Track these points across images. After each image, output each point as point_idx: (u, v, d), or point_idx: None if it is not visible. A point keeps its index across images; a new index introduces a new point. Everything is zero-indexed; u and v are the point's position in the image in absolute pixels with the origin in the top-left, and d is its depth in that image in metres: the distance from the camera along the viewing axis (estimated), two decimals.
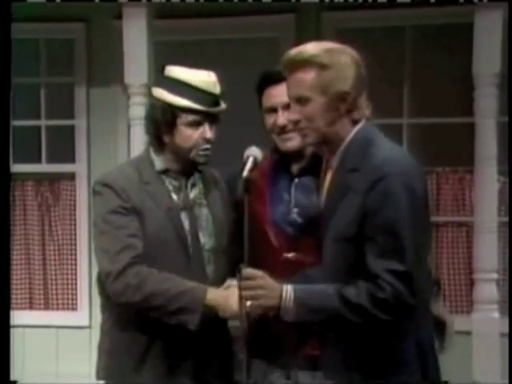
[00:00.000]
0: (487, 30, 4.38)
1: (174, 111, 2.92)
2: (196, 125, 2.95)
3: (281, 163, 3.11)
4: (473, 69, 4.47)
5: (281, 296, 2.40)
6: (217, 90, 2.97)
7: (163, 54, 4.71)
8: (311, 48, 2.49)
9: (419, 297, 2.34)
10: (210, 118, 2.96)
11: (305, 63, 2.46)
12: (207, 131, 2.95)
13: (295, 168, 3.07)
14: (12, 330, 3.26)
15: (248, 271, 2.47)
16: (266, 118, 3.07)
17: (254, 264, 3.06)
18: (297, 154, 3.03)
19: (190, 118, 2.93)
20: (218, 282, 2.98)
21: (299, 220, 3.01)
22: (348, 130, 2.49)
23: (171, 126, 2.94)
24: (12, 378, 3.26)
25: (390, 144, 2.47)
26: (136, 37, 4.63)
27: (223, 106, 3.01)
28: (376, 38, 2.51)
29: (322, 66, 2.44)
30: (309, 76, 2.46)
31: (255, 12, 5.29)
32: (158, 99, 2.97)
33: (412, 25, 5.32)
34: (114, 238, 2.89)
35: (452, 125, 5.35)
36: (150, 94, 3.10)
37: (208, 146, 2.97)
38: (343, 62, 2.47)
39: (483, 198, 4.55)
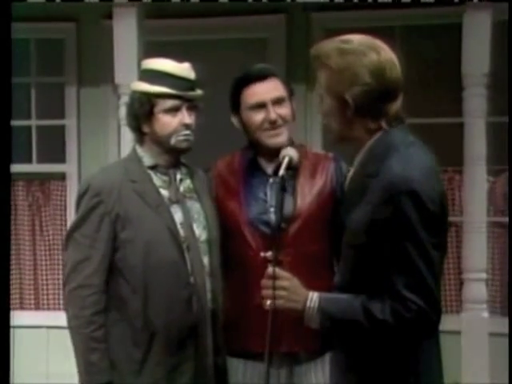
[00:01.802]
0: (476, 30, 4.39)
1: (150, 99, 2.97)
2: (174, 111, 2.98)
3: (254, 163, 3.14)
4: (462, 69, 4.48)
5: (305, 303, 2.37)
6: (191, 75, 3.01)
7: (153, 53, 4.70)
8: (327, 45, 2.40)
9: (441, 312, 2.31)
10: (188, 103, 2.99)
11: (319, 61, 2.41)
12: (186, 117, 2.98)
13: (270, 168, 3.09)
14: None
15: (274, 270, 2.43)
16: (251, 116, 3.08)
17: (233, 263, 3.09)
18: (273, 154, 3.05)
19: (167, 104, 2.97)
20: (213, 273, 3.03)
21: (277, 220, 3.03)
22: (367, 134, 2.39)
23: (149, 114, 2.98)
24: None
25: (412, 153, 2.34)
26: (126, 37, 4.62)
27: (199, 91, 3.04)
28: None
29: (329, 68, 2.38)
30: (322, 74, 2.41)
31: (245, 12, 5.30)
32: (135, 91, 3.03)
33: (401, 25, 5.35)
34: (78, 245, 2.96)
35: (441, 125, 5.38)
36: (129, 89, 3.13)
37: (188, 131, 3.00)
38: (353, 67, 2.34)
39: (472, 198, 4.56)
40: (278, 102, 3.07)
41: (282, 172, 2.68)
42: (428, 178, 2.30)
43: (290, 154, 2.85)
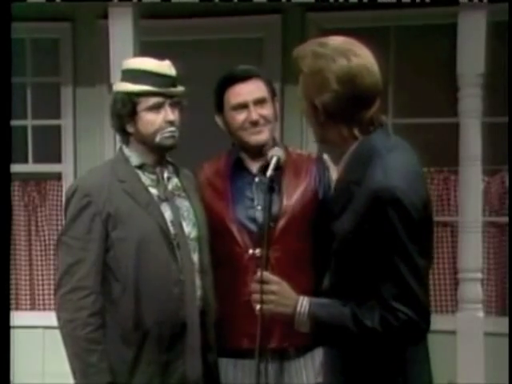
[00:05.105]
0: (471, 30, 4.39)
1: (132, 99, 2.97)
2: (156, 108, 2.99)
3: (239, 163, 3.18)
4: (457, 69, 4.49)
5: (295, 307, 2.37)
6: (172, 72, 3.02)
7: (149, 53, 4.70)
8: (306, 47, 2.38)
9: (430, 320, 2.31)
10: (170, 100, 3.00)
11: (296, 63, 2.39)
12: (169, 113, 2.99)
13: (255, 167, 3.13)
14: None
15: (263, 274, 2.42)
16: (233, 116, 3.13)
17: (221, 262, 3.11)
18: (257, 153, 3.10)
19: (149, 102, 2.97)
20: (204, 270, 3.04)
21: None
22: (343, 140, 2.36)
23: (132, 114, 2.98)
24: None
25: (395, 159, 2.29)
26: (122, 36, 4.61)
27: (181, 88, 3.05)
28: (360, 38, 2.45)
29: (303, 71, 2.37)
30: (300, 76, 2.40)
31: (241, 12, 5.31)
32: (117, 92, 3.03)
33: (396, 25, 5.36)
34: (69, 248, 2.95)
35: (437, 125, 5.38)
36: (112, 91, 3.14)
37: (172, 128, 3.00)
38: (322, 72, 2.30)
39: (468, 198, 4.56)
40: (259, 102, 3.12)
41: (270, 172, 2.70)
42: (411, 184, 2.26)
43: (277, 154, 2.88)
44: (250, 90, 3.11)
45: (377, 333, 2.26)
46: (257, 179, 3.12)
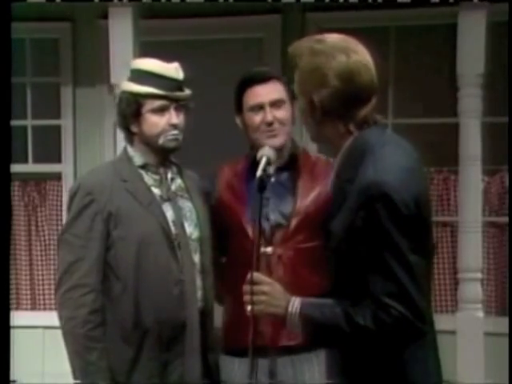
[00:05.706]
0: (471, 30, 4.40)
1: (137, 100, 2.98)
2: (161, 111, 2.99)
3: (256, 164, 3.17)
4: (457, 69, 4.50)
5: (287, 308, 2.37)
6: (179, 75, 3.02)
7: (149, 54, 4.70)
8: (302, 44, 2.37)
9: (426, 318, 2.28)
10: (175, 103, 3.00)
11: (293, 60, 2.39)
12: (173, 117, 2.99)
13: (271, 168, 3.13)
14: None
15: (254, 276, 2.43)
16: (249, 117, 3.15)
17: (234, 260, 3.13)
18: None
19: (154, 104, 2.98)
20: (204, 271, 3.05)
21: (277, 217, 3.13)
22: (339, 137, 2.36)
23: (137, 115, 2.99)
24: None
25: (387, 154, 2.28)
26: (122, 36, 4.62)
27: (187, 91, 3.05)
28: (360, 38, 2.45)
29: (300, 68, 2.36)
30: (296, 73, 2.39)
31: (241, 12, 5.31)
32: (123, 91, 3.03)
33: (396, 25, 5.36)
34: (70, 246, 2.96)
35: (437, 125, 5.39)
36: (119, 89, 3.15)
37: (176, 131, 3.01)
38: (321, 69, 2.31)
39: (467, 198, 4.57)
40: (276, 104, 3.13)
41: (259, 173, 2.69)
42: (402, 179, 2.24)
43: (267, 154, 2.88)
44: (267, 92, 3.13)
45: (370, 331, 2.25)
46: (272, 179, 3.13)
